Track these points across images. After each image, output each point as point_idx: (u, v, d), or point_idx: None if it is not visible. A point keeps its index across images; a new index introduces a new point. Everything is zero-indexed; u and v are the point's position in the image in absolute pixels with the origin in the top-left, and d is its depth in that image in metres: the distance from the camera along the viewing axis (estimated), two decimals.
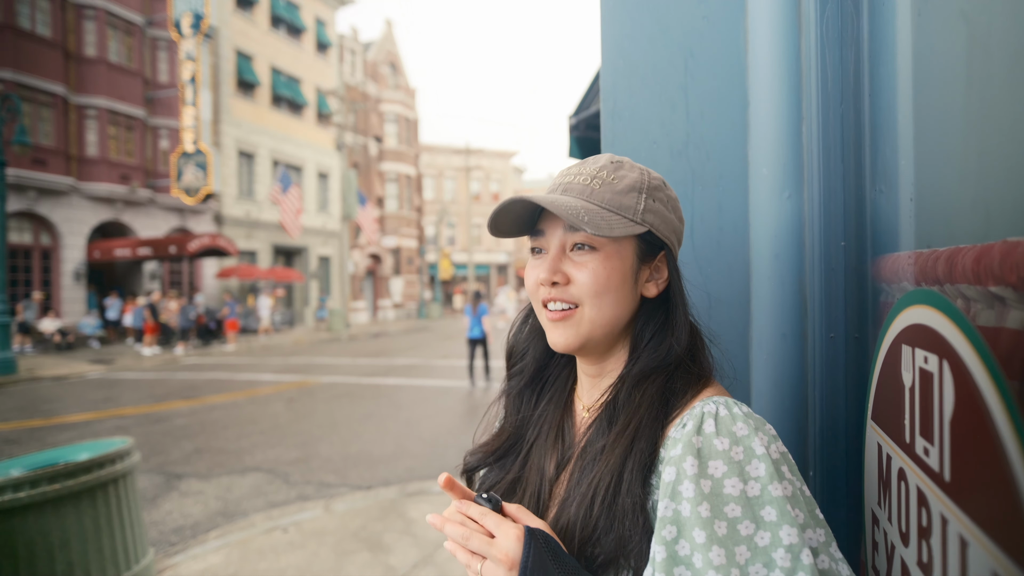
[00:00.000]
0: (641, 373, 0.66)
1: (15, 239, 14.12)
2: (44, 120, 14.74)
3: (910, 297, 0.58)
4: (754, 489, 0.52)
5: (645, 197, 0.66)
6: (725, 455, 0.54)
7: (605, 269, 0.65)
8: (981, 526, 0.41)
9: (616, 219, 0.64)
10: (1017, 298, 0.40)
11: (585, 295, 0.65)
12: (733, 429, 0.55)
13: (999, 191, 0.45)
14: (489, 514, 0.59)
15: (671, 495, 0.54)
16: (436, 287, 31.85)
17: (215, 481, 4.68)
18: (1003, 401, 0.39)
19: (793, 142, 0.87)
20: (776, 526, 0.51)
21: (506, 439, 0.75)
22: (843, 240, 0.82)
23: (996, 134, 0.45)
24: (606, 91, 0.96)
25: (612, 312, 0.66)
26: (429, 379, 9.85)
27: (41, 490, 2.11)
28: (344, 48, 25.90)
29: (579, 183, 0.67)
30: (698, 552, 0.50)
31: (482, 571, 0.57)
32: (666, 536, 0.52)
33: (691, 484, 0.53)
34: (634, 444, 0.60)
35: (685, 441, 0.56)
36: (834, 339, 0.83)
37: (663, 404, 0.63)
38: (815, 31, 0.83)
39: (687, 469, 0.54)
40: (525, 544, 0.55)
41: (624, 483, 0.58)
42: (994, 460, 0.39)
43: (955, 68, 0.53)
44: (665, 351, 0.66)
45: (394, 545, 3.34)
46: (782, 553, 0.50)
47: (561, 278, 0.66)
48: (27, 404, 8.01)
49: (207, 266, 18.75)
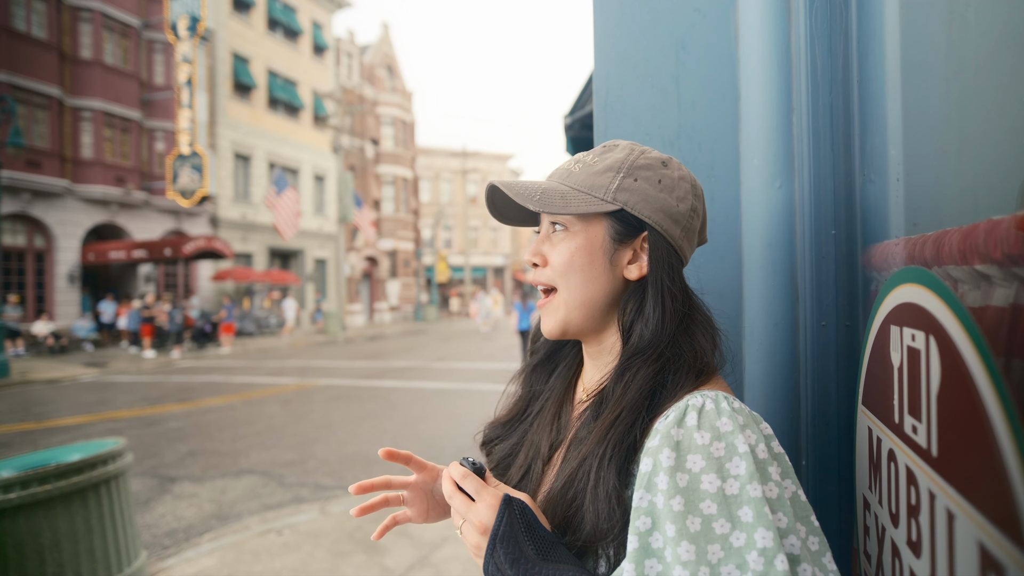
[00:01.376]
0: (623, 362, 0.64)
1: (8, 241, 14.04)
2: (39, 122, 14.68)
3: (898, 276, 0.58)
4: (732, 488, 0.51)
5: (623, 176, 0.64)
6: (704, 450, 0.52)
7: (568, 248, 0.66)
8: (967, 497, 0.41)
9: (581, 198, 0.64)
10: (1002, 275, 0.41)
11: (555, 274, 0.67)
12: (716, 424, 0.54)
13: (986, 177, 0.45)
14: (470, 477, 0.61)
15: (646, 486, 0.53)
16: (433, 290, 31.81)
17: (209, 484, 4.65)
18: (987, 371, 0.39)
19: (783, 132, 0.87)
20: (752, 528, 0.49)
21: (516, 412, 0.78)
22: (834, 228, 0.83)
23: (982, 120, 0.46)
24: (599, 82, 0.97)
25: (582, 292, 0.65)
26: (426, 381, 9.82)
27: (32, 491, 2.09)
28: (341, 51, 25.93)
29: (563, 168, 0.69)
30: (669, 546, 0.50)
31: (462, 529, 0.61)
32: (640, 527, 0.52)
33: (666, 476, 0.52)
34: (611, 433, 0.59)
35: (664, 432, 0.55)
36: (825, 327, 0.83)
37: (650, 394, 0.60)
38: (804, 22, 0.84)
39: (663, 461, 0.53)
40: (499, 512, 0.57)
41: (603, 472, 0.58)
42: (979, 432, 0.39)
43: (941, 56, 0.53)
44: (637, 337, 0.63)
45: (390, 547, 3.32)
46: (755, 556, 0.47)
47: (539, 259, 0.68)
48: (19, 407, 7.95)
49: (202, 269, 18.68)
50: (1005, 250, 0.40)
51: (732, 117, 0.93)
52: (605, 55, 0.97)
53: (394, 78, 30.75)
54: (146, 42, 17.41)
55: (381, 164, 28.40)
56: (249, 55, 20.42)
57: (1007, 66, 0.42)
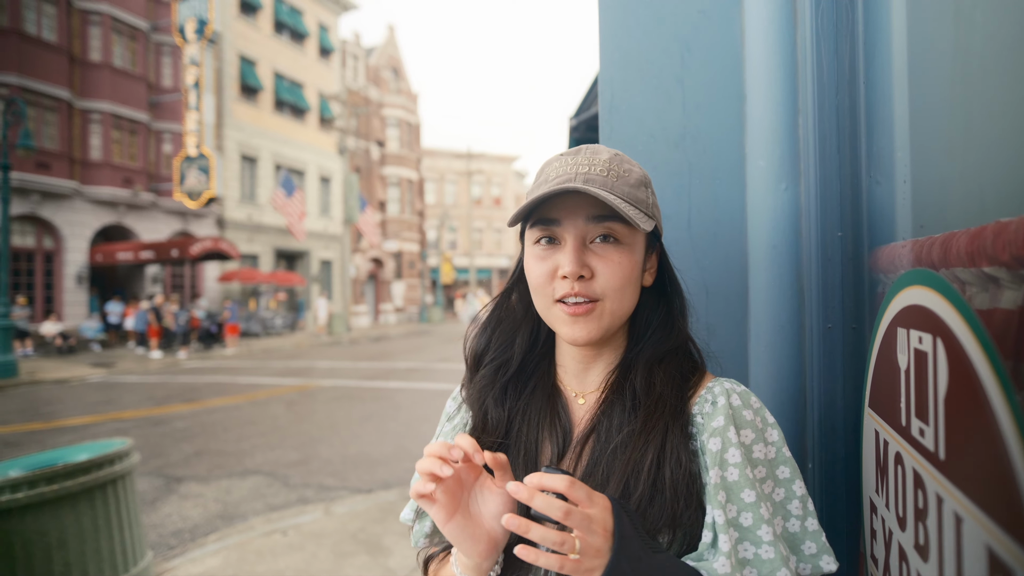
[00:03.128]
0: (655, 357, 0.69)
1: (18, 242, 14.16)
2: (48, 124, 14.82)
3: (906, 278, 0.58)
4: (771, 452, 0.62)
5: (650, 191, 0.69)
6: (752, 424, 0.62)
7: (629, 263, 0.66)
8: (975, 501, 0.41)
9: (638, 213, 0.64)
10: (1010, 278, 0.41)
11: (609, 288, 0.65)
12: (751, 402, 0.64)
13: (993, 179, 0.45)
14: (578, 484, 0.52)
15: (719, 463, 0.59)
16: (438, 291, 31.85)
17: (214, 484, 4.66)
18: (995, 374, 0.39)
19: (789, 134, 0.87)
20: (790, 481, 0.62)
21: (499, 435, 0.73)
22: (840, 231, 0.82)
23: (988, 122, 0.46)
24: (604, 84, 0.97)
25: (630, 304, 0.68)
26: (430, 382, 9.83)
27: (39, 491, 2.10)
28: (347, 53, 26.05)
29: (597, 174, 0.65)
30: (747, 511, 0.57)
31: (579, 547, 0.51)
32: (720, 500, 0.57)
33: (736, 450, 0.59)
34: (670, 423, 0.63)
35: (724, 413, 0.61)
36: (831, 330, 0.83)
37: (683, 384, 0.67)
38: (810, 23, 0.84)
39: (731, 438, 0.60)
40: (615, 513, 0.53)
41: (668, 458, 0.61)
42: (987, 435, 0.39)
43: (947, 58, 0.53)
44: (676, 335, 0.70)
45: (393, 547, 3.32)
46: (796, 504, 0.61)
47: (587, 271, 0.64)
48: (27, 407, 8.01)
49: (209, 270, 18.78)
50: (1013, 252, 0.39)
51: (737, 119, 0.92)
52: (610, 57, 0.97)
53: (399, 80, 30.85)
54: (154, 45, 17.55)
55: (386, 166, 28.48)
56: (256, 57, 20.54)
57: (1014, 68, 0.42)
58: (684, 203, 0.93)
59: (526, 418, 0.72)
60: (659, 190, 0.88)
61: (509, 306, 0.76)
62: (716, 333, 0.91)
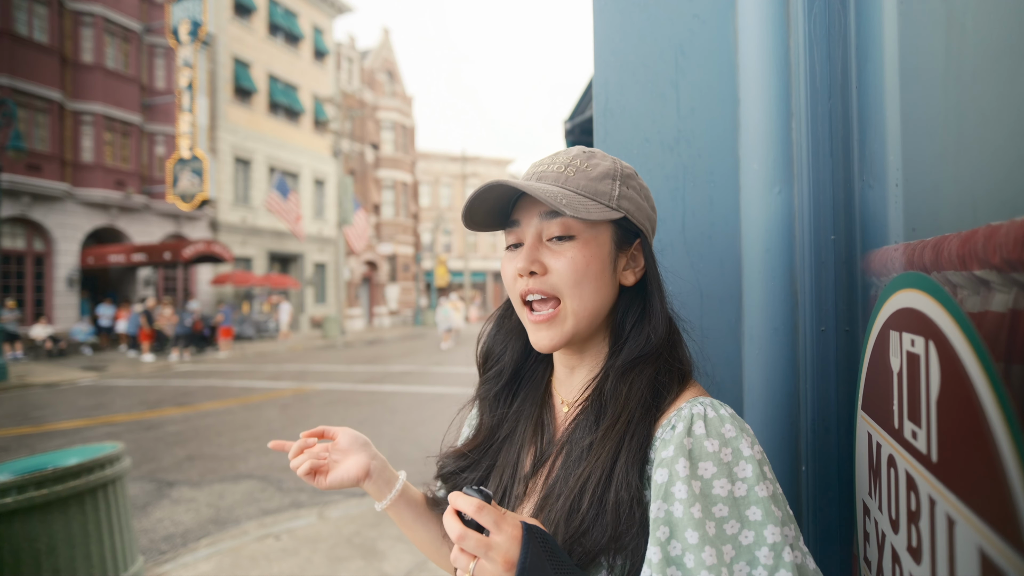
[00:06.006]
0: (624, 365, 0.65)
1: (8, 244, 14.02)
2: (39, 126, 14.70)
3: (898, 282, 0.58)
4: (741, 490, 0.54)
5: (619, 184, 0.65)
6: (715, 456, 0.55)
7: (583, 256, 0.63)
8: (967, 503, 0.41)
9: (592, 204, 0.63)
10: (1001, 281, 0.41)
11: (564, 284, 0.63)
12: (722, 431, 0.56)
13: (985, 182, 0.45)
14: (487, 508, 0.53)
15: (663, 496, 0.54)
16: (432, 294, 31.79)
17: (207, 488, 4.62)
18: (987, 376, 0.39)
19: (783, 138, 0.87)
20: (761, 525, 0.52)
21: (482, 440, 0.74)
22: (833, 234, 0.83)
23: (980, 126, 0.46)
24: (598, 88, 0.97)
25: (593, 302, 0.64)
26: (425, 386, 9.80)
27: (28, 495, 2.08)
28: (341, 56, 26.02)
29: (553, 171, 0.65)
30: (690, 552, 0.51)
31: (474, 571, 0.53)
32: (660, 537, 0.53)
33: (683, 485, 0.53)
34: (624, 440, 0.60)
35: (676, 443, 0.56)
36: (825, 332, 0.83)
37: (652, 399, 0.62)
38: (803, 28, 0.85)
39: (679, 471, 0.54)
40: (523, 543, 0.52)
41: (615, 478, 0.58)
42: (979, 437, 0.39)
43: (939, 62, 0.54)
44: (644, 340, 0.65)
45: (388, 552, 3.30)
46: (765, 552, 0.51)
47: (539, 267, 0.64)
48: (17, 411, 7.92)
49: (202, 272, 18.67)
50: (1004, 255, 0.40)
51: (731, 122, 0.93)
52: (605, 61, 0.97)
53: (394, 83, 30.85)
54: (147, 46, 17.47)
55: (381, 168, 28.45)
56: (250, 60, 20.48)
57: (1005, 72, 0.42)
58: (679, 206, 0.93)
59: (515, 425, 0.72)
60: (653, 193, 0.88)
61: (509, 312, 0.76)
62: (710, 336, 0.91)
